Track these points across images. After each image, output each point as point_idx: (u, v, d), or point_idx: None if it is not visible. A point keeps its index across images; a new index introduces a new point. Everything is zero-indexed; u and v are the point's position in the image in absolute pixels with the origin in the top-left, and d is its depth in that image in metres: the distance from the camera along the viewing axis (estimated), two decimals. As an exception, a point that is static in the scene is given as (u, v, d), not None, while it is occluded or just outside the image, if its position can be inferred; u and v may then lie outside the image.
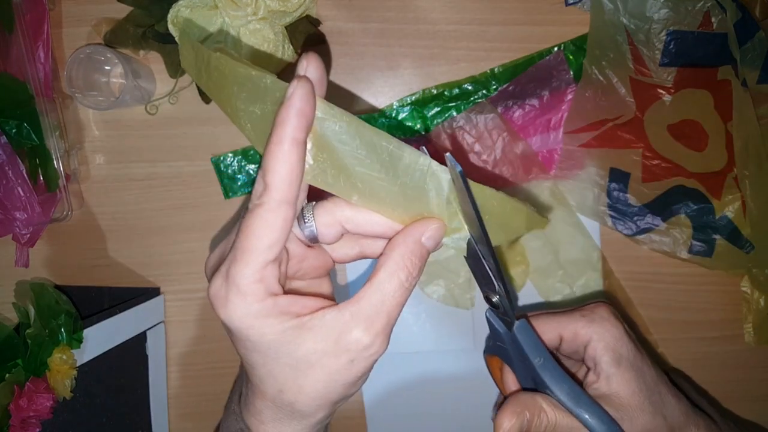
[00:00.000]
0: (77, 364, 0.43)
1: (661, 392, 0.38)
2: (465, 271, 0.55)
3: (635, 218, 0.53)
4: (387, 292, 0.28)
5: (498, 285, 0.31)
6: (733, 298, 0.55)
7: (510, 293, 0.32)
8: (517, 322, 0.34)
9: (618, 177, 0.53)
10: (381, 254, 0.29)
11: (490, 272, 0.30)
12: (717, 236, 0.52)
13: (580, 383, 0.37)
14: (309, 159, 0.27)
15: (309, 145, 0.26)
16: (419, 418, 0.57)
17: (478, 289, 0.53)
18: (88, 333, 0.45)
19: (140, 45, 0.51)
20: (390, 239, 0.29)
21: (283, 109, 0.24)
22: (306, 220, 0.30)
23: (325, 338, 0.27)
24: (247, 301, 0.26)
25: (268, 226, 0.25)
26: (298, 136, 0.25)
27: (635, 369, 0.37)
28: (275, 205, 0.25)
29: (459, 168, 0.26)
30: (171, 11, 0.48)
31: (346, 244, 0.32)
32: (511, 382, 0.38)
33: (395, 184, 0.28)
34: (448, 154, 0.26)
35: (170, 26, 0.48)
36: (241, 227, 0.26)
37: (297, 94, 0.24)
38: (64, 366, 0.42)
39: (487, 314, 0.35)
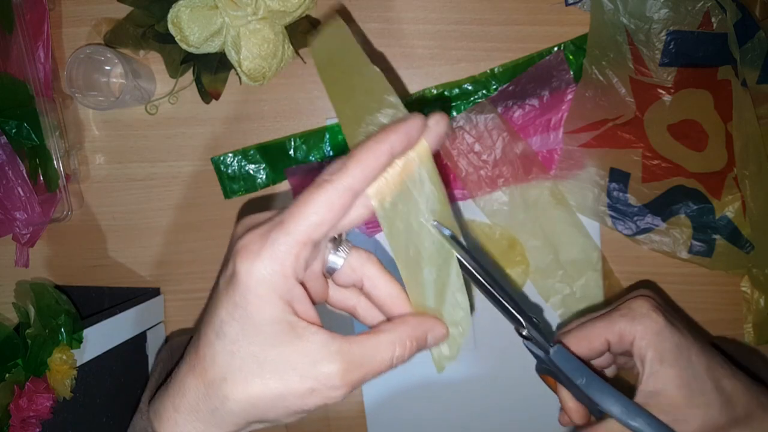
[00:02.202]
0: (77, 364, 0.43)
1: (716, 378, 0.36)
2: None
3: (635, 218, 0.53)
4: (377, 355, 0.27)
5: (523, 320, 0.32)
6: (733, 298, 0.55)
7: (537, 325, 0.33)
8: (552, 349, 0.34)
9: (618, 177, 0.53)
10: (387, 321, 0.30)
11: (513, 311, 0.32)
12: (717, 236, 0.52)
13: (630, 389, 0.37)
14: (388, 199, 0.28)
15: (396, 191, 0.27)
16: (419, 419, 0.57)
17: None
18: (88, 333, 0.45)
19: (140, 45, 0.51)
20: (402, 316, 0.30)
21: (399, 123, 0.26)
22: (338, 252, 0.30)
23: (305, 354, 0.26)
24: (275, 268, 0.25)
25: (327, 203, 0.25)
26: (396, 148, 0.26)
27: (681, 362, 0.36)
28: (342, 189, 0.25)
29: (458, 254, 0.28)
30: (171, 11, 0.48)
31: (348, 294, 0.32)
32: (567, 398, 0.38)
33: (432, 277, 0.29)
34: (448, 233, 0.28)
35: (170, 26, 0.48)
36: (301, 197, 0.26)
37: (417, 121, 0.26)
38: (64, 366, 0.42)
39: (525, 344, 0.35)
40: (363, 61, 0.29)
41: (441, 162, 0.54)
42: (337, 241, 0.30)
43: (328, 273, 0.30)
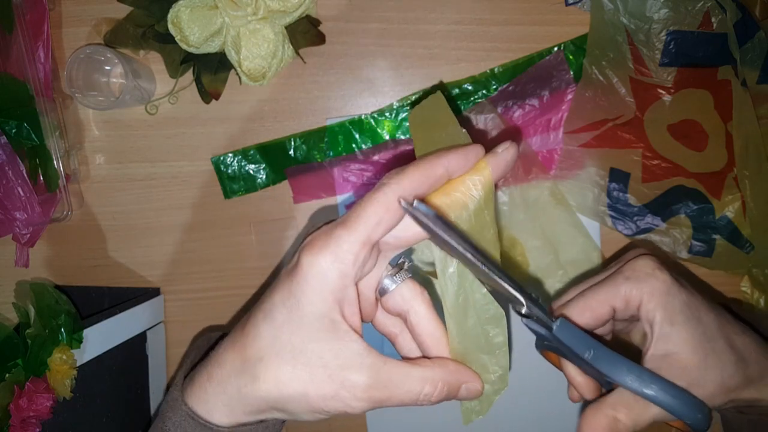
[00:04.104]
0: (77, 364, 0.43)
1: (727, 336, 0.34)
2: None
3: (635, 218, 0.53)
4: (406, 384, 0.28)
5: (521, 298, 0.30)
6: (733, 298, 0.55)
7: (537, 301, 0.31)
8: (555, 324, 0.32)
9: (618, 177, 0.53)
10: (423, 357, 0.31)
11: (510, 290, 0.30)
12: (717, 236, 0.52)
13: (638, 354, 0.35)
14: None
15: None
16: (419, 419, 0.57)
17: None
18: (88, 333, 0.45)
19: (140, 45, 0.51)
20: (441, 359, 0.30)
21: (457, 148, 0.28)
22: (395, 277, 0.31)
23: (339, 357, 0.27)
24: (335, 264, 0.26)
25: (385, 204, 0.27)
26: (453, 165, 0.28)
27: (691, 322, 0.34)
28: (399, 192, 0.27)
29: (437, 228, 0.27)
30: (171, 11, 0.48)
31: (393, 321, 0.33)
32: (574, 372, 0.37)
33: (478, 330, 0.30)
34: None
35: (170, 26, 0.48)
36: (362, 199, 0.27)
37: (476, 149, 0.28)
38: (64, 366, 0.42)
39: (524, 322, 0.33)
40: (453, 123, 0.31)
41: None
42: (398, 268, 0.31)
43: (380, 294, 0.31)
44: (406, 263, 0.32)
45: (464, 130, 0.30)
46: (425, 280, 0.55)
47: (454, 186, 0.29)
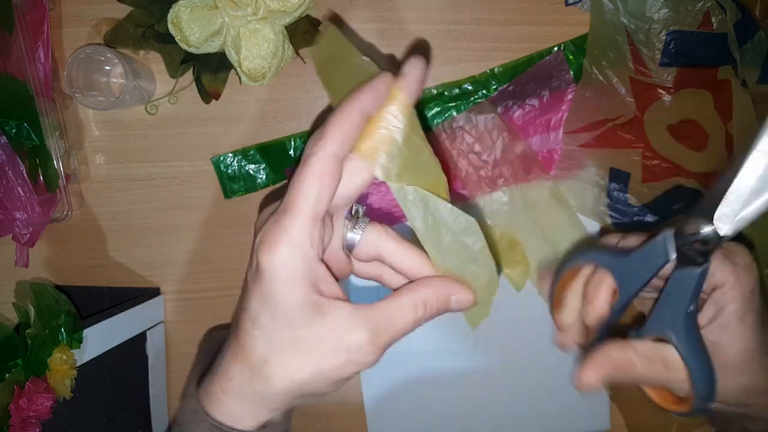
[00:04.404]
0: (77, 364, 0.43)
1: None
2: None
3: (635, 218, 0.53)
4: (401, 317, 0.29)
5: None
6: (733, 298, 0.55)
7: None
8: (706, 265, 0.29)
9: (618, 177, 0.53)
10: (409, 283, 0.31)
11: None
12: (717, 236, 0.52)
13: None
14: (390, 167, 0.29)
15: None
16: (419, 418, 0.57)
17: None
18: (88, 333, 0.45)
19: (140, 45, 0.51)
20: (426, 278, 0.31)
21: (365, 85, 0.28)
22: (355, 229, 0.31)
23: (333, 329, 0.27)
24: (294, 253, 0.26)
25: (317, 176, 0.26)
26: (367, 105, 0.27)
27: (756, 327, 0.33)
28: (326, 157, 0.27)
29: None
30: (171, 11, 0.48)
31: (372, 265, 0.33)
32: (569, 312, 0.35)
33: (455, 243, 0.30)
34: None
35: (170, 26, 0.48)
36: (293, 179, 0.27)
37: (383, 80, 0.28)
38: (64, 366, 0.42)
39: (668, 234, 0.30)
40: (354, 54, 0.30)
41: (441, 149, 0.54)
42: (354, 218, 0.31)
43: (348, 249, 0.31)
44: (360, 210, 0.32)
45: (367, 58, 0.29)
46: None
47: (375, 124, 0.28)
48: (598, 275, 0.35)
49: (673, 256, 0.30)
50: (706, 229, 0.28)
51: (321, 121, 0.55)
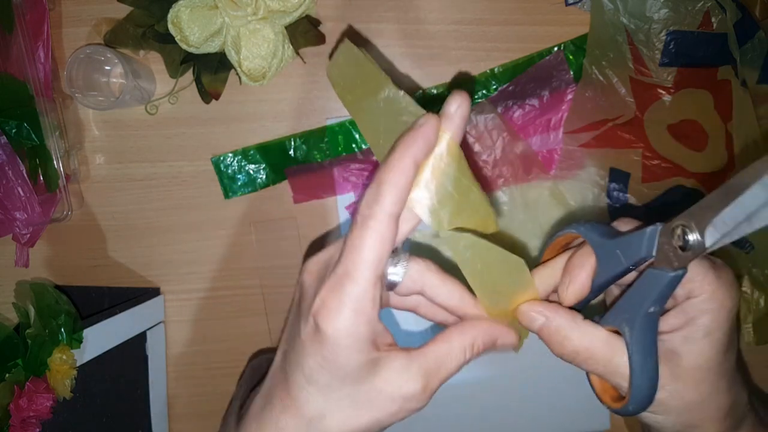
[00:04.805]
0: (77, 364, 0.43)
1: (731, 381, 0.31)
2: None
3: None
4: (452, 361, 0.30)
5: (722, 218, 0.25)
6: (733, 298, 0.55)
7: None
8: (674, 273, 0.28)
9: (618, 177, 0.53)
10: (456, 324, 0.31)
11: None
12: (717, 236, 0.52)
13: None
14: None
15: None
16: (419, 418, 0.57)
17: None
18: (88, 333, 0.45)
19: (140, 45, 0.51)
20: (472, 319, 0.31)
21: (413, 130, 0.27)
22: (397, 266, 0.31)
23: (390, 382, 0.28)
24: (359, 320, 0.26)
25: (378, 239, 0.26)
26: (419, 156, 0.27)
27: (720, 348, 0.30)
28: (386, 220, 0.26)
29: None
30: (171, 11, 0.48)
31: (408, 298, 0.33)
32: (586, 276, 0.32)
33: (504, 284, 0.31)
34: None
35: (170, 26, 0.48)
36: (351, 240, 0.27)
37: (431, 122, 0.27)
38: (64, 366, 0.42)
39: (655, 230, 0.29)
40: (374, 71, 0.29)
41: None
42: (394, 255, 0.31)
43: (389, 288, 0.31)
44: (400, 246, 0.31)
45: (402, 91, 0.28)
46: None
47: (424, 170, 0.28)
48: (584, 253, 0.32)
49: (654, 253, 0.29)
50: (692, 236, 0.27)
51: (318, 121, 0.55)
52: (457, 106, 0.27)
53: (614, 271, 0.30)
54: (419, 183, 0.28)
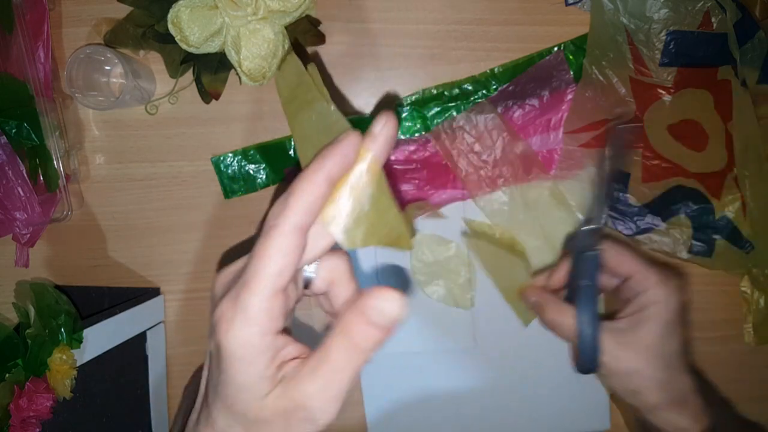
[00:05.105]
0: (77, 364, 0.43)
1: (671, 361, 0.41)
2: (465, 271, 0.55)
3: (635, 218, 0.53)
4: (348, 370, 0.26)
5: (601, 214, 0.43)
6: (733, 298, 0.55)
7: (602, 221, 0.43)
8: (589, 253, 0.42)
9: (618, 177, 0.53)
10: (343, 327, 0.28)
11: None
12: (717, 236, 0.52)
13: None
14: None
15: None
16: (419, 418, 0.57)
17: (477, 288, 0.54)
18: (88, 333, 0.45)
19: (140, 45, 0.51)
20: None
21: (332, 145, 0.26)
22: (309, 267, 0.30)
23: (289, 397, 0.26)
24: (253, 331, 0.25)
25: (280, 250, 0.25)
26: (334, 172, 0.26)
27: (660, 331, 0.41)
28: (290, 230, 0.25)
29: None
30: (171, 11, 0.48)
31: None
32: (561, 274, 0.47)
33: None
34: None
35: (170, 26, 0.48)
36: (254, 250, 0.26)
37: (351, 139, 0.26)
38: (64, 366, 0.42)
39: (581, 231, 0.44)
40: (310, 84, 0.29)
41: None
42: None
43: (306, 285, 0.31)
44: (314, 261, 0.30)
45: (333, 106, 0.28)
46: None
47: (341, 187, 0.27)
48: (564, 260, 0.47)
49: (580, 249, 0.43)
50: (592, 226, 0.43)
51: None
52: (382, 125, 0.27)
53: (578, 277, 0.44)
54: (336, 200, 0.27)
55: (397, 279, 0.55)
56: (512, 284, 0.52)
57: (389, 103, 0.54)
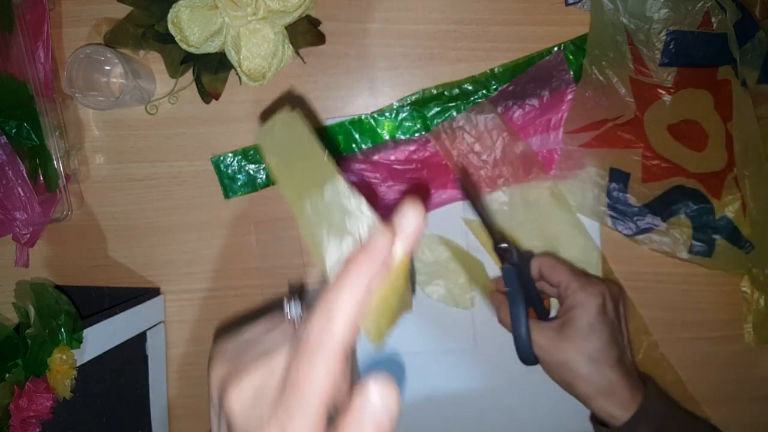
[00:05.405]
0: (77, 364, 0.43)
1: (595, 357, 0.46)
2: (465, 271, 0.55)
3: (635, 218, 0.53)
4: None
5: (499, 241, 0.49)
6: (733, 298, 0.55)
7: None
8: (506, 266, 0.49)
9: (618, 177, 0.53)
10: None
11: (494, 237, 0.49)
12: (717, 236, 0.52)
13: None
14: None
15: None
16: (419, 418, 0.57)
17: (477, 288, 0.54)
18: (88, 333, 0.45)
19: (140, 45, 0.51)
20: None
21: (365, 253, 0.24)
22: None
23: None
24: None
25: (329, 377, 0.23)
26: (374, 281, 0.24)
27: (584, 330, 0.47)
28: (338, 352, 0.23)
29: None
30: (171, 11, 0.48)
31: None
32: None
33: None
34: None
35: (170, 26, 0.48)
36: (296, 373, 0.23)
37: (383, 243, 0.24)
38: (64, 366, 0.42)
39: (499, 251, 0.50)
40: (318, 157, 0.26)
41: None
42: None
43: None
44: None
45: (352, 189, 0.25)
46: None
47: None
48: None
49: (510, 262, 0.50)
50: (503, 245, 0.49)
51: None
52: (410, 219, 0.25)
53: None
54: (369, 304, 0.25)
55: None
56: (481, 282, 0.55)
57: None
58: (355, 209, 0.26)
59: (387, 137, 0.54)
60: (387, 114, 0.54)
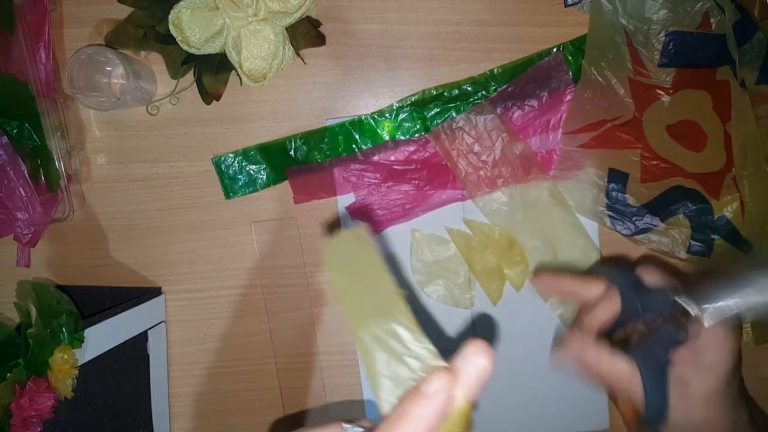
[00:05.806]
0: (78, 364, 0.44)
1: (735, 405, 0.38)
2: (465, 271, 0.55)
3: (634, 218, 0.53)
4: None
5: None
6: (731, 298, 0.55)
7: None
8: (685, 335, 0.36)
9: (617, 177, 0.53)
10: None
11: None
12: (715, 236, 0.52)
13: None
14: None
15: None
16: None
17: (477, 288, 0.53)
18: (90, 332, 0.45)
19: (141, 46, 0.52)
20: None
21: (425, 397, 0.23)
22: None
23: None
24: None
25: None
26: (434, 426, 0.23)
27: (724, 378, 0.37)
28: None
29: None
30: (172, 12, 0.48)
31: None
32: (607, 312, 0.39)
33: None
34: None
35: (171, 27, 0.49)
36: None
37: (443, 384, 0.23)
38: (65, 365, 0.42)
39: (672, 297, 0.36)
40: (387, 288, 0.25)
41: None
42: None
43: None
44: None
45: (412, 316, 0.25)
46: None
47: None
48: (611, 298, 0.39)
49: (667, 316, 0.37)
50: (693, 310, 0.35)
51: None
52: (476, 362, 0.24)
53: (630, 317, 0.38)
54: None
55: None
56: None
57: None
58: (416, 343, 0.25)
59: (387, 138, 0.55)
60: (387, 115, 0.54)
